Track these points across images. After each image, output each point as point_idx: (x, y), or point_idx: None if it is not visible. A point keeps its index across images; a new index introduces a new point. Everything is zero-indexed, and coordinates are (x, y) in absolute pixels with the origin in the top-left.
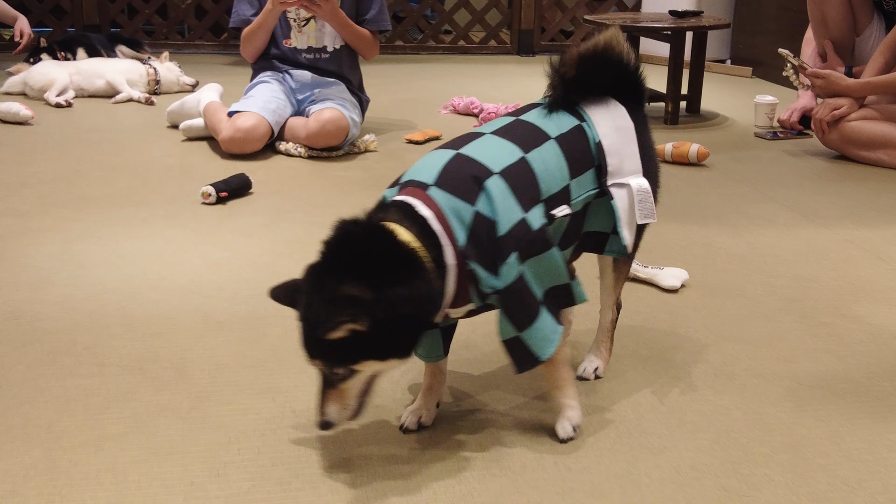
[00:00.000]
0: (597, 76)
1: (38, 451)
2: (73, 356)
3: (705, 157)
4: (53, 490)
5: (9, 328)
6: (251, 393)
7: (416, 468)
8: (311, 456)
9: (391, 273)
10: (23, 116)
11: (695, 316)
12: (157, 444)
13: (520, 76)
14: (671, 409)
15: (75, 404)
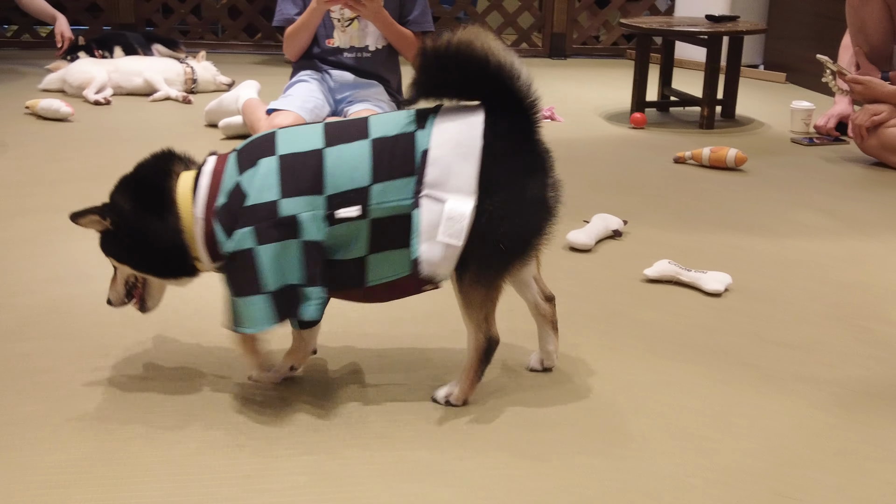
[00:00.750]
0: (449, 78)
1: (95, 442)
2: (122, 350)
3: (743, 162)
4: (111, 481)
5: (57, 322)
6: (302, 389)
7: (470, 466)
8: (364, 453)
9: (147, 201)
10: (63, 113)
11: (738, 320)
12: (212, 438)
13: (551, 79)
14: (718, 412)
15: (129, 397)
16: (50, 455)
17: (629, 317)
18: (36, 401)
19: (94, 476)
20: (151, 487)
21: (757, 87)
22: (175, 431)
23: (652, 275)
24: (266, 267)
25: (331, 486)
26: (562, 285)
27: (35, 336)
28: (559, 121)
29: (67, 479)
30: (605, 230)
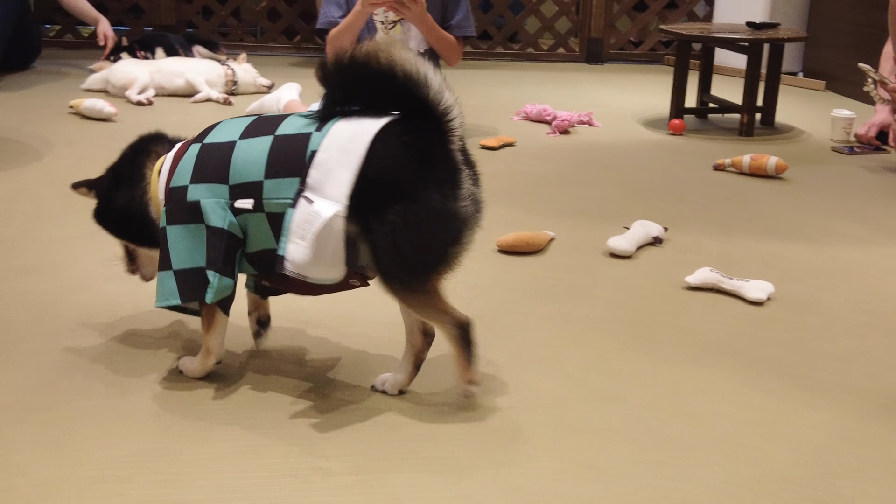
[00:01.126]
0: (354, 90)
1: (147, 438)
2: (172, 348)
3: (783, 171)
4: (162, 477)
5: (108, 319)
6: (344, 389)
7: (514, 470)
8: (412, 452)
9: (125, 177)
10: (107, 113)
11: (780, 329)
12: (261, 435)
13: (588, 84)
14: (761, 421)
15: (179, 394)
16: (104, 450)
17: (671, 324)
18: (90, 397)
19: (146, 471)
20: (201, 484)
21: (796, 95)
22: (225, 429)
23: (694, 282)
24: (173, 246)
25: (378, 487)
26: (602, 292)
27: (89, 333)
28: (597, 126)
29: (121, 475)
30: (646, 237)
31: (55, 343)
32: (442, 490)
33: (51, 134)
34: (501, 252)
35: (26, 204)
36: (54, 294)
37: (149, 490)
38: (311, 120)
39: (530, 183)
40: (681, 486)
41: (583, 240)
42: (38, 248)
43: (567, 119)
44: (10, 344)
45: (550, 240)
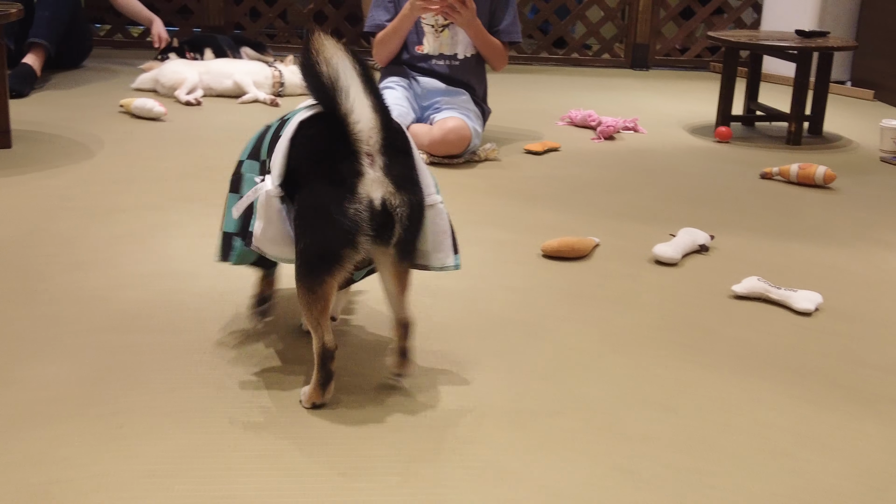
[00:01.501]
0: (308, 82)
1: (194, 434)
2: (219, 346)
3: (832, 180)
4: (211, 473)
5: (159, 316)
6: (390, 390)
7: (558, 476)
8: (452, 454)
9: None
10: (156, 113)
11: (828, 340)
12: (306, 434)
13: (634, 90)
14: (809, 432)
15: (226, 392)
16: (153, 445)
17: (717, 333)
18: (139, 392)
19: (194, 467)
20: (248, 481)
21: (844, 104)
22: (271, 427)
23: (740, 291)
24: (225, 211)
25: (422, 488)
26: (647, 299)
27: (139, 329)
28: (643, 132)
29: (169, 469)
30: (692, 244)
31: (106, 338)
32: (484, 493)
33: (101, 132)
34: (546, 257)
35: (78, 201)
36: (106, 290)
37: (194, 486)
38: (292, 111)
39: (575, 188)
40: (725, 496)
41: (628, 246)
42: (90, 244)
43: (612, 125)
44: (62, 338)
45: (595, 246)
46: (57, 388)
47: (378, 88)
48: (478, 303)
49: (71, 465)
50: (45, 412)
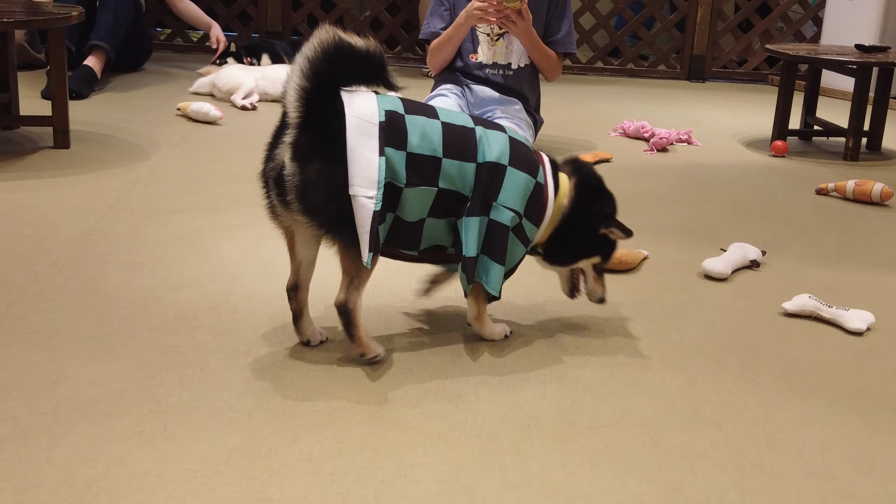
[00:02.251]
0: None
1: (239, 436)
2: (267, 349)
3: (889, 198)
4: (254, 475)
5: (209, 317)
6: (435, 398)
7: (602, 489)
8: (495, 465)
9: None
10: (212, 117)
11: (881, 361)
12: (349, 440)
13: (689, 102)
14: (861, 454)
15: (272, 394)
16: (198, 445)
17: (768, 350)
18: (186, 391)
19: (237, 469)
20: (290, 484)
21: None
22: (315, 431)
23: (791, 309)
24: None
25: (462, 498)
26: (696, 314)
27: (189, 329)
28: (697, 145)
29: (213, 470)
30: (743, 260)
31: (157, 338)
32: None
33: (158, 134)
34: None
35: (134, 202)
36: (158, 290)
37: (237, 487)
38: None
39: (625, 200)
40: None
41: (677, 260)
42: (145, 244)
43: (665, 136)
44: (114, 336)
45: (644, 258)
46: (106, 386)
47: (318, 69)
48: (527, 314)
49: (115, 462)
50: (93, 409)
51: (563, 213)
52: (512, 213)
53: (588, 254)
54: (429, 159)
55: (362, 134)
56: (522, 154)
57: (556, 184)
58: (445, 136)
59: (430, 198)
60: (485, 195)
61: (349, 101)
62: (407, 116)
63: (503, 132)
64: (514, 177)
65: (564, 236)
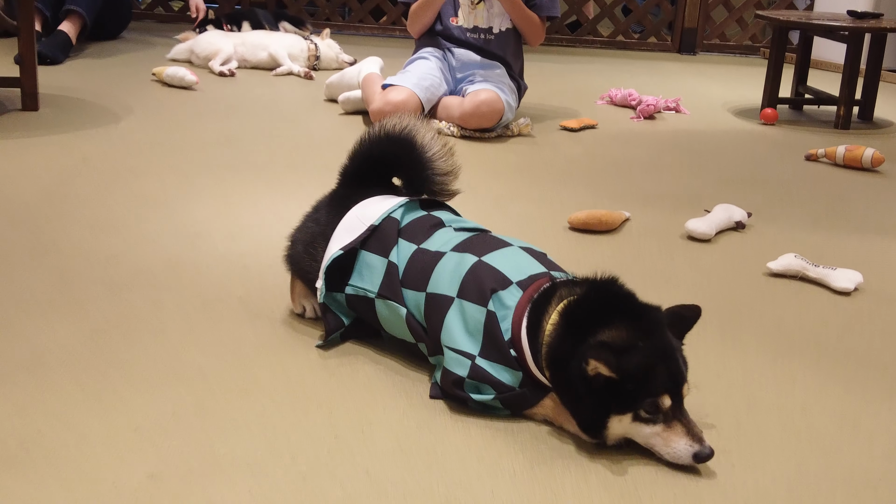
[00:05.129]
0: None
1: (189, 393)
2: (226, 306)
3: (880, 163)
4: (200, 430)
5: (167, 276)
6: (398, 356)
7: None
8: (458, 423)
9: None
10: (188, 81)
11: (870, 322)
12: (304, 397)
13: (679, 74)
14: (846, 414)
15: (227, 352)
16: (143, 401)
17: (751, 311)
18: (136, 348)
19: (184, 425)
20: (240, 441)
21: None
22: (270, 389)
23: (776, 269)
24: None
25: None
26: (679, 275)
27: (146, 287)
28: (685, 113)
29: (157, 426)
30: (728, 221)
31: (112, 295)
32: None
33: (131, 99)
34: (573, 230)
35: (100, 163)
36: (117, 248)
37: (184, 443)
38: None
39: (610, 166)
40: (750, 477)
41: (660, 223)
42: (107, 204)
43: (653, 104)
44: (67, 293)
45: (625, 220)
46: (53, 343)
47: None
48: None
49: (52, 418)
50: (37, 365)
51: (549, 350)
52: (458, 356)
53: (599, 410)
54: (398, 281)
55: (347, 230)
56: (477, 278)
57: (541, 311)
58: (409, 262)
59: (401, 320)
60: (435, 335)
61: (365, 201)
62: (399, 241)
63: (476, 255)
64: (459, 310)
65: (561, 384)
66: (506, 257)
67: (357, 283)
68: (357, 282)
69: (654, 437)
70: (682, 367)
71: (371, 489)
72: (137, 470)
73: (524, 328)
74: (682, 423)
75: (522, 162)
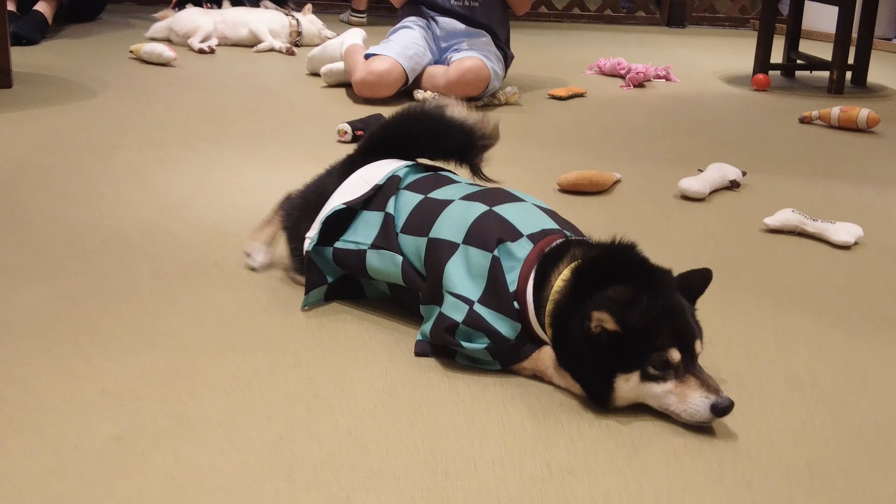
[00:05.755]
0: None
1: (161, 356)
2: (203, 272)
3: (876, 124)
4: (172, 392)
5: (142, 243)
6: (382, 315)
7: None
8: (443, 379)
9: None
10: (166, 58)
11: (872, 275)
12: (283, 357)
13: (669, 46)
14: (851, 367)
15: (203, 317)
16: (112, 366)
17: (751, 267)
18: (108, 315)
19: (153, 388)
20: (212, 402)
21: (890, 60)
22: (247, 351)
23: (773, 224)
24: None
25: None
26: (674, 234)
27: (119, 255)
28: (676, 81)
29: (125, 389)
30: (722, 180)
31: (84, 264)
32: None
33: (108, 76)
34: (563, 192)
35: (76, 137)
36: (90, 219)
37: (153, 405)
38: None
39: (601, 132)
40: (753, 430)
41: (653, 184)
42: (82, 177)
43: (643, 72)
44: (38, 262)
45: (617, 181)
46: (21, 312)
47: None
48: None
49: (17, 384)
50: (3, 334)
51: (556, 307)
52: (456, 300)
53: (604, 370)
54: (395, 231)
55: (350, 189)
56: (485, 226)
57: (551, 267)
58: (414, 210)
59: (396, 267)
60: (434, 280)
61: (371, 164)
62: (401, 192)
63: (487, 205)
64: (464, 256)
65: (563, 344)
66: (518, 210)
67: (350, 237)
68: (350, 237)
69: (667, 395)
70: (693, 323)
71: (352, 447)
72: (102, 432)
73: (531, 282)
74: (696, 377)
75: (510, 129)
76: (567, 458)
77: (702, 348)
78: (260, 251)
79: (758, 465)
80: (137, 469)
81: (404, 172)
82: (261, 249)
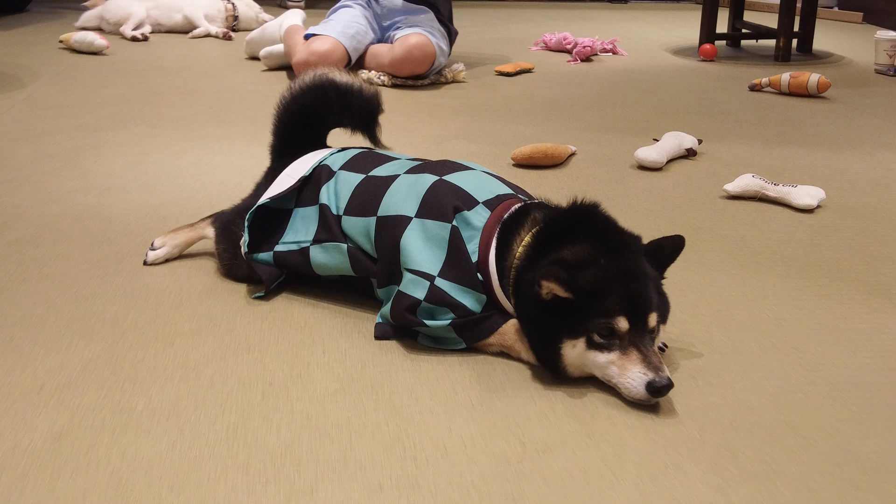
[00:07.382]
0: None
1: (101, 345)
2: (143, 257)
3: (826, 88)
4: (114, 384)
5: (76, 230)
6: (338, 298)
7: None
8: (406, 360)
9: None
10: (97, 46)
11: (836, 236)
12: (233, 342)
13: (614, 20)
14: (824, 326)
15: (144, 302)
16: (48, 357)
17: (714, 232)
18: (41, 303)
19: (93, 379)
20: (158, 392)
21: (833, 27)
22: (193, 336)
23: (734, 190)
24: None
25: (366, 395)
26: (633, 202)
27: (52, 242)
28: (623, 54)
29: (63, 382)
30: (678, 148)
31: (14, 251)
32: (441, 397)
33: (39, 65)
34: (517, 166)
35: (5, 125)
36: (21, 205)
37: (94, 398)
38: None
39: (550, 105)
40: (730, 393)
41: (609, 154)
42: (12, 163)
43: (589, 46)
44: None
45: (572, 154)
46: None
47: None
48: None
49: None
50: None
51: (518, 274)
52: (416, 277)
53: (550, 333)
54: (334, 217)
55: (277, 186)
56: (439, 196)
57: (512, 233)
58: (356, 189)
59: (343, 256)
60: (389, 259)
61: (295, 161)
62: (339, 173)
63: (436, 175)
64: (420, 229)
65: (525, 310)
66: (469, 177)
67: (290, 238)
68: (290, 237)
69: (609, 366)
70: (650, 293)
71: (312, 434)
72: (40, 430)
73: (492, 250)
74: (640, 351)
75: (459, 104)
76: (541, 435)
77: (659, 324)
78: (164, 248)
79: (739, 431)
80: (80, 468)
81: (332, 160)
82: (167, 247)
